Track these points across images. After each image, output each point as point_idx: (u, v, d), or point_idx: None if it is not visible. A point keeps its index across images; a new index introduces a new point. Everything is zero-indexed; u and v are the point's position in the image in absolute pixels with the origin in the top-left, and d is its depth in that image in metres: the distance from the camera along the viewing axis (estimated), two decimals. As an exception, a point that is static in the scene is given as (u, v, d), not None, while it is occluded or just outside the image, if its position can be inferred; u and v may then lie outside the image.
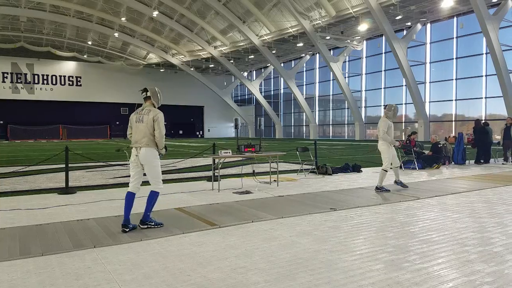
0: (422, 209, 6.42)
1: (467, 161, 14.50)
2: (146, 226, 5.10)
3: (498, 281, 3.34)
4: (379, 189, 8.08)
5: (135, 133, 5.21)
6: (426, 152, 13.51)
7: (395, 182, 8.58)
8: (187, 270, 3.66)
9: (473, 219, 5.66)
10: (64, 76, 53.78)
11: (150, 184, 5.31)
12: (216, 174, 8.59)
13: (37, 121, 50.18)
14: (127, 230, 4.98)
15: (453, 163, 14.22)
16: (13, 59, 49.74)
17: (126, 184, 9.33)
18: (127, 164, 14.22)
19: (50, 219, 5.70)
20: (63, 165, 8.54)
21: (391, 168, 8.45)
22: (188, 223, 5.46)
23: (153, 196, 5.21)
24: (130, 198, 5.20)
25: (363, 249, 4.27)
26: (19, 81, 50.94)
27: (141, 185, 5.40)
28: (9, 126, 49.33)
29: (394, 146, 8.31)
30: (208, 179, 9.57)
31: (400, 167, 12.45)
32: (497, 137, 15.05)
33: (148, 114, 5.26)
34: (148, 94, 5.39)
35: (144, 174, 5.32)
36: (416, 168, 12.41)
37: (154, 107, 5.46)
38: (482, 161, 14.56)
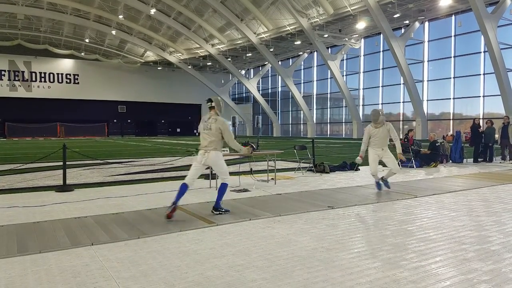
0: (420, 207, 6.44)
1: (464, 160, 14.54)
2: (218, 212, 5.82)
3: (495, 279, 3.35)
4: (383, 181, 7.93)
5: (204, 139, 5.87)
6: (423, 150, 13.52)
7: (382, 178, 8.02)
8: (184, 268, 3.66)
9: (471, 217, 5.67)
10: (62, 74, 53.61)
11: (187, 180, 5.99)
12: (213, 172, 8.57)
13: (35, 119, 50.03)
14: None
15: (450, 161, 14.25)
16: (10, 56, 49.53)
17: (124, 182, 9.36)
18: (123, 162, 14.19)
19: (47, 217, 5.69)
20: (61, 163, 8.53)
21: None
22: (186, 221, 5.46)
23: (223, 187, 5.94)
24: (184, 188, 5.83)
25: (361, 247, 4.27)
26: (16, 78, 50.75)
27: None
28: (6, 124, 49.18)
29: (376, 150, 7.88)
30: (206, 177, 9.56)
31: (398, 165, 12.49)
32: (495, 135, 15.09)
33: (215, 123, 5.84)
34: (213, 104, 5.96)
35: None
36: (414, 167, 12.43)
37: (217, 115, 6.00)
38: (480, 159, 14.61)
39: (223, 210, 5.89)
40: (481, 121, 15.75)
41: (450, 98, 34.32)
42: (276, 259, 3.87)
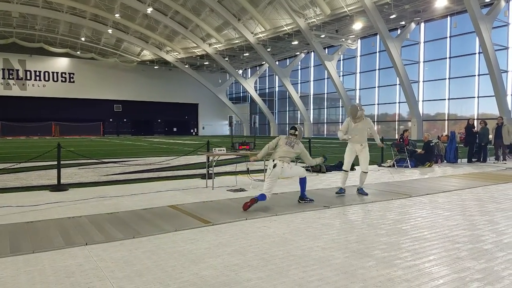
0: (414, 207, 6.47)
1: (459, 160, 14.62)
2: (304, 201, 6.65)
3: (488, 277, 3.37)
4: (359, 190, 7.71)
5: (283, 151, 6.63)
6: (418, 150, 13.57)
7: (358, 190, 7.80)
8: (179, 268, 3.65)
9: (464, 217, 5.71)
10: (57, 73, 53.33)
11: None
12: (210, 171, 8.57)
13: (29, 118, 49.74)
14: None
15: (445, 161, 14.32)
16: (5, 55, 49.19)
17: (118, 182, 9.33)
18: (119, 161, 14.14)
19: (41, 216, 5.66)
20: (55, 162, 8.49)
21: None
22: (181, 220, 5.45)
23: (304, 180, 6.81)
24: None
25: (355, 246, 4.29)
26: (11, 77, 50.43)
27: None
28: (0, 123, 48.85)
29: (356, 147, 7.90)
30: (202, 176, 9.55)
31: (393, 165, 12.56)
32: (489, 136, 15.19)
33: (298, 144, 6.82)
34: (296, 132, 6.93)
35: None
36: (409, 167, 12.48)
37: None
38: (474, 159, 14.70)
39: (308, 199, 6.71)
40: (475, 121, 15.83)
41: (445, 99, 34.46)
42: (272, 259, 3.88)
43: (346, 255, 3.98)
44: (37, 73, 52.03)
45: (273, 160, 6.53)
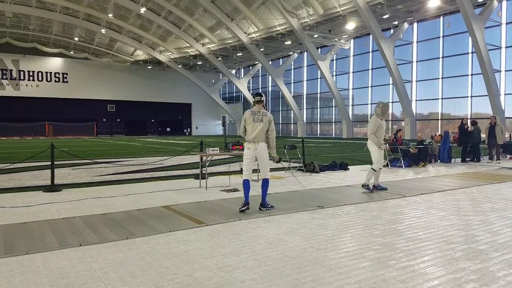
0: (408, 207, 6.49)
1: (453, 159, 14.70)
2: (265, 209, 6.05)
3: (483, 278, 3.39)
4: (365, 186, 7.96)
5: (254, 130, 6.12)
6: (412, 149, 13.63)
7: (374, 187, 7.98)
8: (173, 269, 3.64)
9: (459, 217, 5.74)
10: (50, 73, 52.99)
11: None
12: (203, 172, 8.55)
13: (23, 118, 49.38)
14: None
15: (439, 161, 14.40)
16: (-3, 55, 48.84)
17: (112, 182, 9.29)
18: (112, 161, 14.07)
19: (35, 217, 5.61)
20: (49, 163, 8.43)
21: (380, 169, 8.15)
22: (175, 221, 5.43)
23: (267, 183, 6.26)
24: (248, 183, 6.24)
25: (350, 246, 4.29)
26: (4, 77, 50.03)
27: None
28: (-7, 123, 48.46)
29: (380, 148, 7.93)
30: (196, 177, 9.52)
31: (387, 165, 12.60)
32: (482, 135, 15.31)
33: (266, 116, 6.18)
34: (262, 98, 6.30)
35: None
36: (402, 166, 12.54)
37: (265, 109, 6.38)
38: (468, 159, 14.79)
39: (269, 206, 6.15)
40: (468, 121, 15.95)
41: (438, 98, 34.67)
42: (266, 259, 3.87)
43: (340, 255, 3.98)
44: (31, 73, 51.67)
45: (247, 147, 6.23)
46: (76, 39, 47.91)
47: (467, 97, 32.38)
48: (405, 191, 7.86)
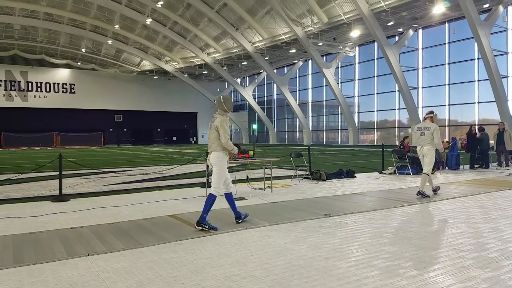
0: (417, 214, 6.44)
1: (461, 166, 14.58)
2: (200, 228, 5.36)
3: (494, 287, 3.34)
4: (421, 194, 8.00)
5: (208, 139, 5.80)
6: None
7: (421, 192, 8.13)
8: (181, 278, 3.63)
9: (468, 224, 5.67)
10: (58, 84, 53.53)
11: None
12: (209, 180, 8.54)
13: (31, 129, 49.83)
14: (239, 221, 5.69)
15: (447, 168, 14.29)
16: (6, 66, 49.42)
17: (120, 192, 9.30)
18: (119, 171, 14.13)
19: (43, 227, 5.64)
20: (57, 173, 8.48)
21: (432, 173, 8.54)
22: (182, 230, 5.43)
23: (209, 199, 5.59)
24: (229, 197, 5.79)
25: (358, 255, 4.26)
26: (12, 88, 50.62)
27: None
28: (2, 134, 48.90)
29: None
30: (202, 185, 9.53)
31: (394, 172, 12.53)
32: (490, 141, 15.18)
33: (214, 121, 5.73)
34: (215, 102, 5.91)
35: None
36: (410, 174, 12.45)
37: (221, 114, 5.81)
38: (476, 166, 14.65)
39: (207, 227, 5.33)
40: (476, 127, 15.84)
41: (445, 105, 34.51)
42: (273, 269, 3.85)
43: (348, 264, 3.95)
44: (39, 84, 52.25)
45: None
46: (83, 50, 48.45)
47: (474, 103, 32.20)
48: (414, 199, 7.80)
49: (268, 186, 9.33)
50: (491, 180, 11.03)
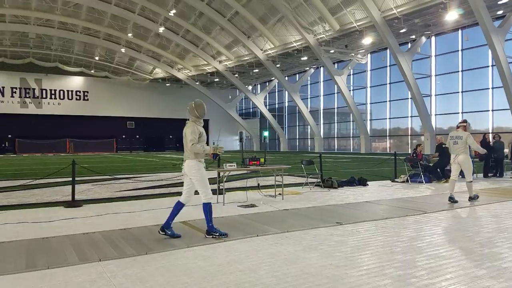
0: (429, 223, 6.36)
1: (475, 175, 14.35)
2: (211, 236, 5.33)
3: (508, 296, 3.28)
4: (473, 198, 8.48)
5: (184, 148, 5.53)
6: (432, 155, 13.39)
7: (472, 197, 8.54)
8: (192, 285, 3.63)
9: (482, 234, 5.59)
10: (72, 91, 54.33)
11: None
12: (221, 187, 8.57)
13: (45, 135, 50.53)
14: (162, 233, 5.37)
15: (460, 176, 14.06)
16: (21, 74, 50.36)
17: (131, 198, 9.38)
18: (131, 177, 14.24)
19: (56, 232, 5.71)
20: (70, 179, 8.58)
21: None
22: (193, 236, 5.45)
23: (205, 208, 5.46)
24: (177, 206, 5.58)
25: (370, 264, 4.22)
26: (27, 96, 51.51)
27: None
28: (17, 140, 49.71)
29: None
30: (213, 192, 9.54)
31: (407, 180, 12.41)
32: (505, 150, 14.95)
33: (184, 129, 5.55)
34: (187, 107, 5.68)
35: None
36: (423, 182, 12.31)
37: (194, 121, 5.60)
38: (490, 174, 14.43)
39: (217, 234, 5.35)
40: (490, 135, 15.63)
41: (458, 112, 34.12)
42: (284, 276, 3.83)
43: (360, 273, 3.92)
44: (53, 92, 53.08)
45: None
46: (97, 58, 49.16)
47: (488, 111, 31.79)
48: (426, 207, 7.71)
49: (279, 194, 9.32)
50: (505, 189, 10.85)
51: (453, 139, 8.69)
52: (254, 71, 47.75)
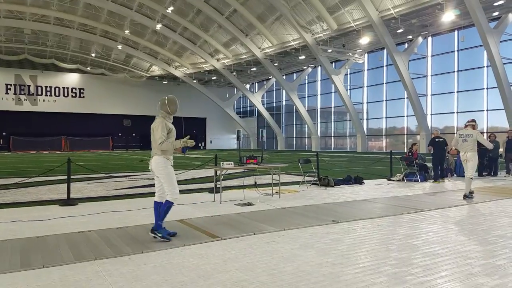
0: (425, 221, 6.39)
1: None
2: (153, 235, 5.14)
3: (502, 295, 3.30)
4: (467, 196, 8.64)
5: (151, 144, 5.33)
6: (429, 164, 13.46)
7: (470, 193, 8.81)
8: (188, 283, 3.63)
9: (476, 231, 5.63)
10: (67, 88, 54.07)
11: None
12: (218, 185, 8.57)
13: (40, 133, 50.30)
14: (154, 235, 5.16)
15: (455, 175, 14.17)
16: (16, 71, 50.05)
17: (128, 196, 9.35)
18: (128, 175, 14.21)
19: (51, 231, 5.68)
20: (65, 177, 8.55)
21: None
22: (190, 235, 5.44)
23: (164, 205, 5.24)
24: (156, 206, 5.38)
25: (366, 262, 4.24)
26: (22, 92, 51.20)
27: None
28: (11, 138, 49.44)
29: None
30: (210, 190, 9.55)
31: (403, 179, 12.46)
32: (499, 149, 15.03)
33: (153, 123, 5.39)
34: (159, 103, 5.50)
35: None
36: (418, 180, 12.37)
37: (163, 117, 5.47)
38: (485, 173, 14.52)
39: (160, 235, 5.07)
40: (485, 135, 15.71)
41: (454, 112, 34.28)
42: (281, 274, 3.84)
43: (356, 271, 3.94)
44: (48, 89, 52.80)
45: None
46: (93, 55, 48.97)
47: (483, 110, 31.96)
48: (421, 206, 7.74)
49: (276, 192, 9.33)
50: (500, 187, 10.92)
51: (462, 137, 9.02)
52: (252, 69, 47.76)
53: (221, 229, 5.75)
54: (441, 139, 13.04)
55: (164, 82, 56.59)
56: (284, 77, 48.45)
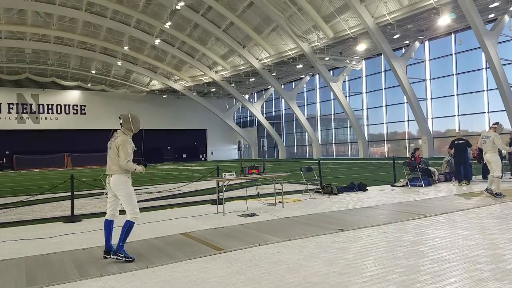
0: (431, 227, 6.33)
1: (473, 177, 14.36)
2: (115, 257, 4.90)
3: (513, 299, 3.26)
4: (498, 195, 9.22)
5: (107, 160, 5.21)
6: (432, 169, 13.39)
7: (487, 190, 9.62)
8: (194, 297, 3.60)
9: (484, 235, 5.57)
10: (69, 105, 54.33)
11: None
12: (220, 197, 8.54)
13: (42, 150, 50.38)
14: (107, 257, 4.99)
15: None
16: (18, 90, 50.35)
17: (131, 211, 9.31)
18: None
19: (56, 248, 5.66)
20: (68, 193, 8.54)
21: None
22: (194, 248, 5.41)
23: (125, 226, 5.09)
24: (107, 226, 5.21)
25: (373, 270, 4.19)
26: (24, 111, 51.46)
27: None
28: (15, 156, 49.53)
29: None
30: (213, 202, 9.51)
31: (406, 184, 12.40)
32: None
33: (115, 141, 5.21)
34: (120, 121, 5.34)
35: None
36: (422, 185, 12.31)
37: (124, 133, 5.36)
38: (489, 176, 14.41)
39: (122, 256, 4.86)
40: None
41: (454, 115, 34.26)
42: (288, 286, 3.80)
43: (364, 280, 3.89)
44: (50, 106, 53.05)
45: None
46: (93, 71, 49.27)
47: (484, 112, 31.93)
48: (427, 211, 7.69)
49: (279, 202, 9.29)
50: (505, 189, 10.84)
51: (483, 138, 9.93)
52: (251, 80, 47.94)
53: (226, 241, 5.71)
54: (461, 141, 13.02)
55: (164, 96, 56.83)
56: (282, 86, 48.59)
